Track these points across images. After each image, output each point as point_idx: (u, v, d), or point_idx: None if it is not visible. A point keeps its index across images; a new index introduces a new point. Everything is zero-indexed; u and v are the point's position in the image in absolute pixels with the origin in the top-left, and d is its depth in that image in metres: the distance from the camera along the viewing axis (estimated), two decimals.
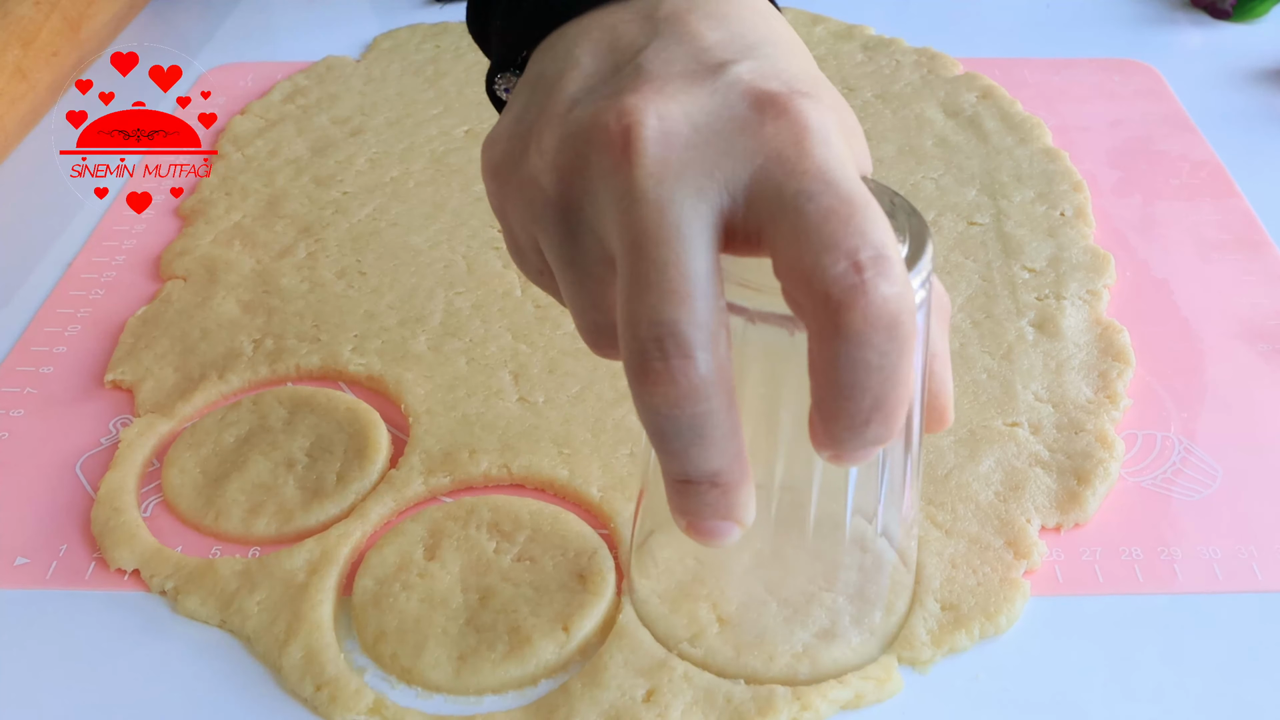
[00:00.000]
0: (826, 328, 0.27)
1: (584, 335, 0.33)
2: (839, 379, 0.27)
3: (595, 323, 0.32)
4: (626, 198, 0.28)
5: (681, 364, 0.27)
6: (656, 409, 0.28)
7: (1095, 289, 0.51)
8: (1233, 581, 0.40)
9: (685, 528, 0.30)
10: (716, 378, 0.28)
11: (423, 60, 0.73)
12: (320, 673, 0.37)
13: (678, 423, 0.28)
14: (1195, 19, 0.77)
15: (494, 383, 0.48)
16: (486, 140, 0.34)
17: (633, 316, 0.28)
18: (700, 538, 0.30)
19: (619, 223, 0.29)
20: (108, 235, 0.59)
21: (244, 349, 0.50)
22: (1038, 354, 0.48)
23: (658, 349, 0.28)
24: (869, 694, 0.36)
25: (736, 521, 0.30)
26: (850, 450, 0.29)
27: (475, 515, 0.42)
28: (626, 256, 0.28)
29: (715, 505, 0.29)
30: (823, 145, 0.28)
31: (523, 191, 0.32)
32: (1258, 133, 0.65)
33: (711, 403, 0.28)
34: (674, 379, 0.28)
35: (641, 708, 0.36)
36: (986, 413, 0.45)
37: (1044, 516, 0.41)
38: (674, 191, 0.28)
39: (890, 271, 0.27)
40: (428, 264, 0.55)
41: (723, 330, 0.28)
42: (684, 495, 0.30)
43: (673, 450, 0.29)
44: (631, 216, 0.28)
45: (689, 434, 0.28)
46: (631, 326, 0.28)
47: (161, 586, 0.41)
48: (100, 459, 0.46)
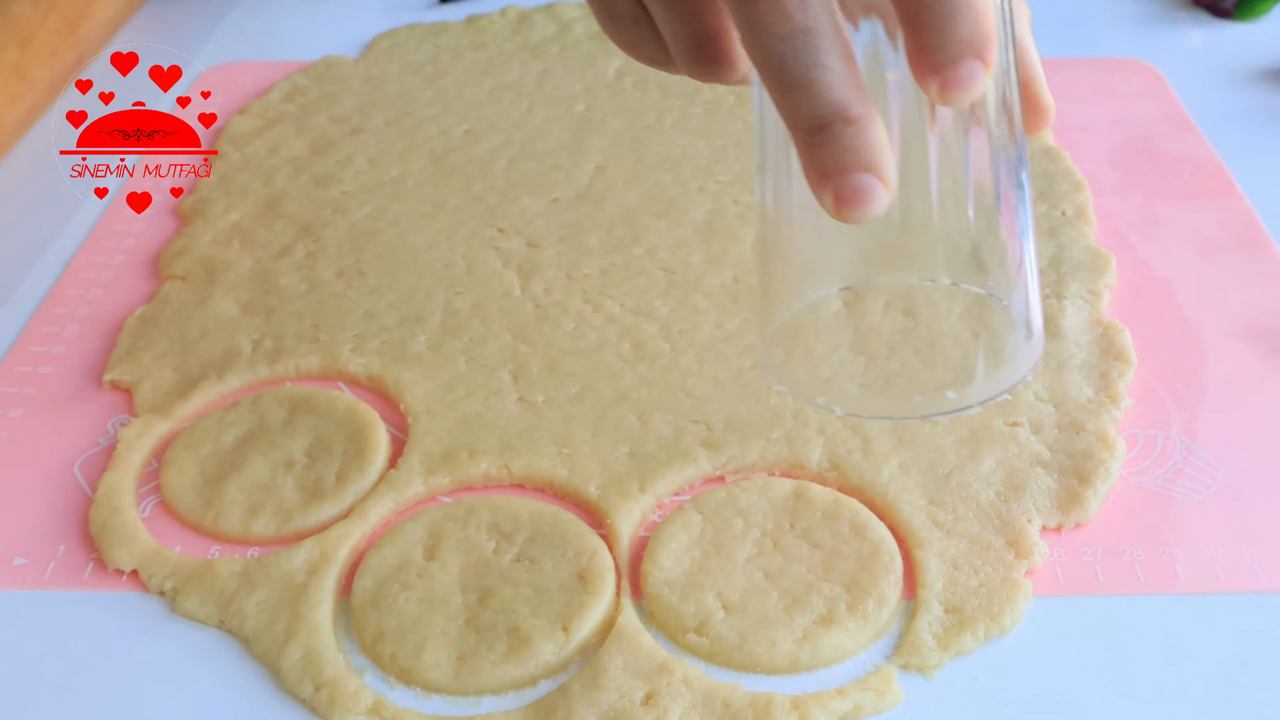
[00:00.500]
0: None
1: (684, 57, 0.34)
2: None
3: (694, 34, 0.34)
4: None
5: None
6: (769, 28, 0.29)
7: (1096, 289, 0.51)
8: (1233, 581, 0.40)
9: (832, 200, 0.30)
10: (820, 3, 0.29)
11: (422, 60, 0.73)
12: (319, 673, 0.37)
13: (792, 42, 0.29)
14: (1196, 18, 0.77)
15: (493, 383, 0.48)
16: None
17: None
18: (849, 208, 0.29)
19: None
20: (107, 235, 0.59)
21: (243, 349, 0.50)
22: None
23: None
24: (868, 705, 0.36)
25: (877, 173, 0.29)
26: (951, 61, 0.29)
27: (475, 515, 0.42)
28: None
29: (855, 149, 0.29)
30: None
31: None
32: (1258, 132, 0.65)
33: (820, 16, 0.29)
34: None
35: (640, 710, 0.36)
36: (987, 412, 0.45)
37: (1045, 516, 0.41)
38: None
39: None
40: (427, 264, 0.55)
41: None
42: (821, 147, 0.29)
43: (795, 83, 0.29)
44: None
45: (807, 55, 0.29)
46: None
47: (160, 587, 0.40)
48: (99, 459, 0.46)
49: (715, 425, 0.45)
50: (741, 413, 0.46)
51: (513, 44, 0.75)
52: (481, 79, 0.71)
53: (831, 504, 0.42)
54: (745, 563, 0.40)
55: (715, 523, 0.41)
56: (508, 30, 0.76)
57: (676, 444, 0.45)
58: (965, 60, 0.29)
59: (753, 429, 0.45)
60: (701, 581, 0.39)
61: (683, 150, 0.63)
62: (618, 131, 0.65)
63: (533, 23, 0.77)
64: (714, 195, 0.59)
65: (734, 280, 0.53)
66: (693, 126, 0.65)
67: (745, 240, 0.55)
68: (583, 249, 0.55)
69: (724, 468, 0.44)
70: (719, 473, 0.44)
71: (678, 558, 0.40)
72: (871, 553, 0.40)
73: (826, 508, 0.41)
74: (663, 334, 0.50)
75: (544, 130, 0.65)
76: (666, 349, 0.49)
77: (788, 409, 0.46)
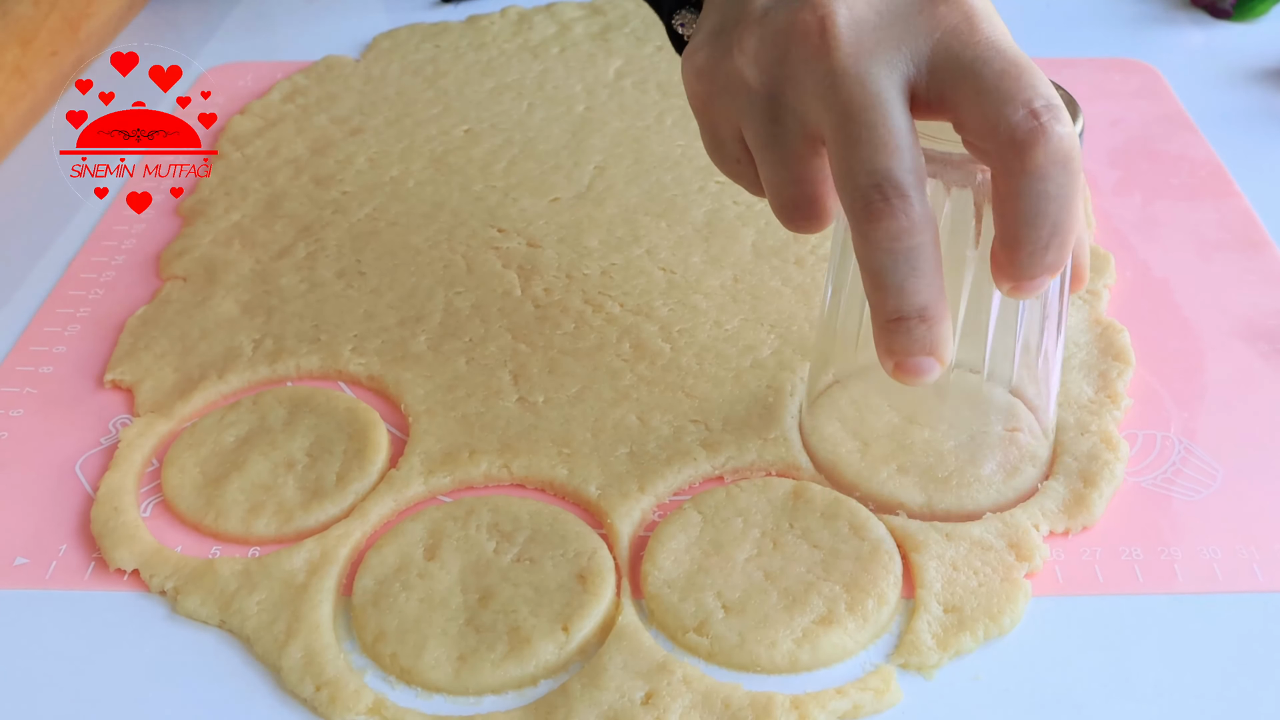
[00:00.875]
0: (1013, 165, 0.33)
1: (781, 211, 0.38)
2: (1023, 209, 0.33)
3: (793, 197, 0.37)
4: (829, 76, 0.34)
5: (900, 203, 0.33)
6: (879, 244, 0.33)
7: (1095, 289, 0.51)
8: (1233, 581, 0.40)
9: (893, 369, 0.35)
10: (928, 215, 0.33)
11: (422, 60, 0.73)
12: (320, 673, 0.37)
13: (896, 256, 0.33)
14: (1195, 18, 0.77)
15: (494, 383, 0.48)
16: (686, 53, 0.39)
17: (851, 170, 0.33)
18: (906, 376, 0.35)
19: (825, 99, 0.34)
20: (107, 235, 0.59)
21: (243, 349, 0.50)
22: None
23: (878, 193, 0.33)
24: (867, 704, 0.36)
25: (939, 358, 0.35)
26: (1029, 277, 0.34)
27: (475, 515, 0.42)
28: (838, 124, 0.34)
29: (923, 340, 0.34)
30: (988, 21, 0.34)
31: (729, 87, 0.37)
32: (1258, 132, 0.65)
33: (925, 236, 0.33)
34: (895, 215, 0.33)
35: (640, 710, 0.36)
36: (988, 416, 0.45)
37: (1052, 522, 0.41)
38: (870, 66, 0.34)
39: (1062, 116, 0.33)
40: (427, 264, 0.55)
41: (924, 179, 0.34)
42: (895, 334, 0.34)
43: (889, 285, 0.34)
44: (838, 91, 0.34)
45: (905, 267, 0.33)
46: (851, 178, 0.33)
47: (161, 586, 0.41)
48: (100, 459, 0.46)
49: (714, 425, 0.45)
50: (740, 413, 0.46)
51: (513, 44, 0.75)
52: (482, 79, 0.71)
53: (831, 504, 0.42)
54: (745, 562, 0.40)
55: (715, 523, 0.41)
56: (508, 30, 0.76)
57: (676, 444, 0.45)
58: (1041, 277, 0.35)
59: (751, 429, 0.45)
60: (701, 581, 0.39)
61: (683, 150, 0.63)
62: (618, 131, 0.65)
63: (533, 23, 0.77)
64: (714, 195, 0.59)
65: (734, 280, 0.53)
66: (693, 127, 0.65)
67: (745, 240, 0.55)
68: (583, 249, 0.55)
69: (723, 468, 0.44)
70: (718, 473, 0.44)
71: (677, 558, 0.40)
72: (871, 552, 0.40)
73: (826, 507, 0.41)
74: (663, 334, 0.50)
75: (544, 130, 0.65)
76: (666, 349, 0.49)
77: (786, 410, 0.46)
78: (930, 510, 0.42)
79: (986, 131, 0.33)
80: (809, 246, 0.55)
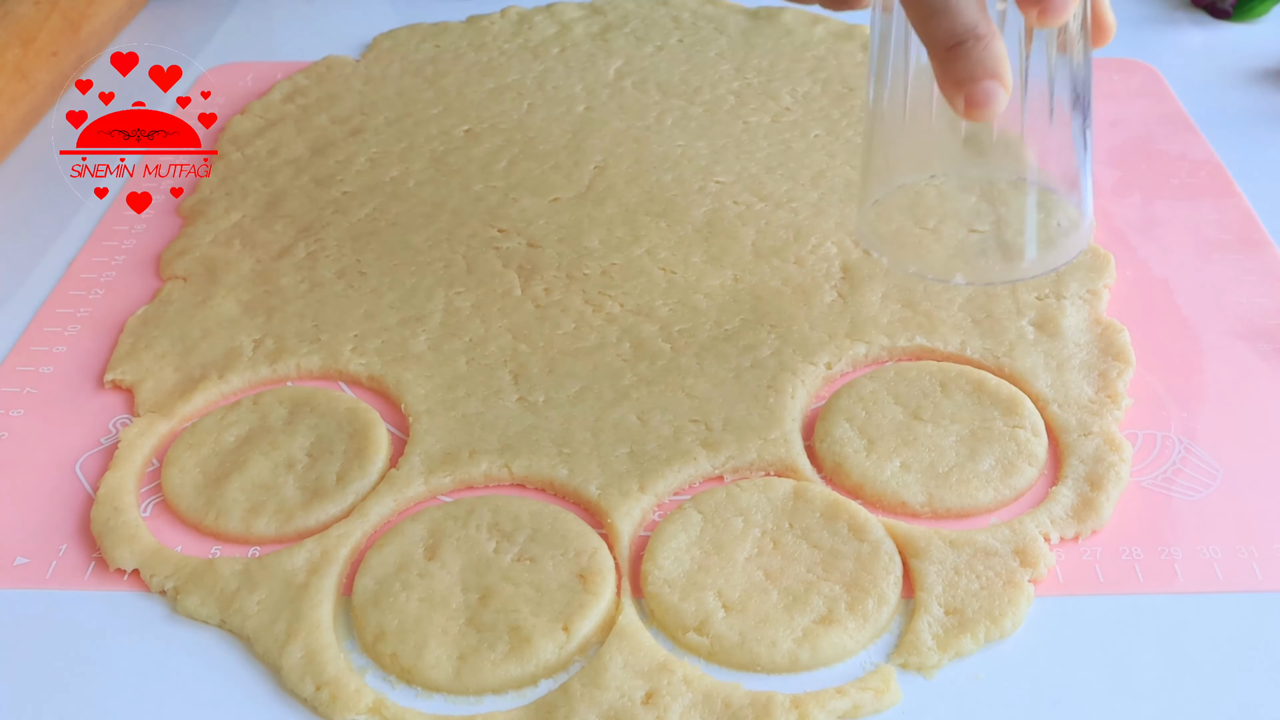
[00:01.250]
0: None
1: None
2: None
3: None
4: None
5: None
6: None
7: (1095, 288, 0.51)
8: (1233, 581, 0.40)
9: (963, 104, 0.38)
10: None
11: (422, 60, 0.73)
12: (320, 672, 0.37)
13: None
14: (1195, 18, 0.77)
15: (494, 382, 0.48)
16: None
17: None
18: (976, 109, 0.38)
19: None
20: (108, 235, 0.59)
21: (244, 349, 0.50)
22: (1039, 353, 0.48)
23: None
24: (867, 704, 0.36)
25: (1001, 79, 0.38)
26: None
27: (475, 515, 0.42)
28: None
29: (982, 60, 0.37)
30: None
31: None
32: (1258, 132, 0.65)
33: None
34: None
35: (640, 709, 0.36)
36: (989, 413, 0.45)
37: (1061, 528, 0.41)
38: None
39: None
40: (427, 264, 0.55)
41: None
42: (955, 60, 0.38)
43: (935, 8, 0.38)
44: None
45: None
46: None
47: (161, 586, 0.41)
48: (100, 459, 0.46)
49: (714, 425, 0.45)
50: (740, 413, 0.46)
51: (513, 44, 0.75)
52: (482, 79, 0.71)
53: (831, 504, 0.42)
54: (745, 562, 0.40)
55: (715, 522, 0.41)
56: (508, 30, 0.76)
57: (676, 444, 0.45)
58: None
59: (751, 429, 0.45)
60: (701, 581, 0.39)
61: (683, 150, 0.63)
62: (618, 131, 0.65)
63: (533, 23, 0.77)
64: (714, 195, 0.59)
65: (734, 280, 0.53)
66: (693, 126, 0.65)
67: (745, 240, 0.56)
68: (583, 249, 0.56)
69: (723, 467, 0.44)
70: (718, 472, 0.44)
71: (678, 557, 0.40)
72: (871, 552, 0.40)
73: (826, 508, 0.41)
74: (663, 334, 0.50)
75: (544, 130, 0.65)
76: (666, 349, 0.49)
77: (786, 410, 0.46)
78: (931, 509, 0.42)
79: None
80: (809, 246, 0.55)
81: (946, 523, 0.42)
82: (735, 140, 0.63)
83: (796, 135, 0.64)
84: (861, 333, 0.49)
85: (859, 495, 0.43)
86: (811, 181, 0.60)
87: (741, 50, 0.73)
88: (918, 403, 0.45)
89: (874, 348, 0.49)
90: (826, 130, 0.64)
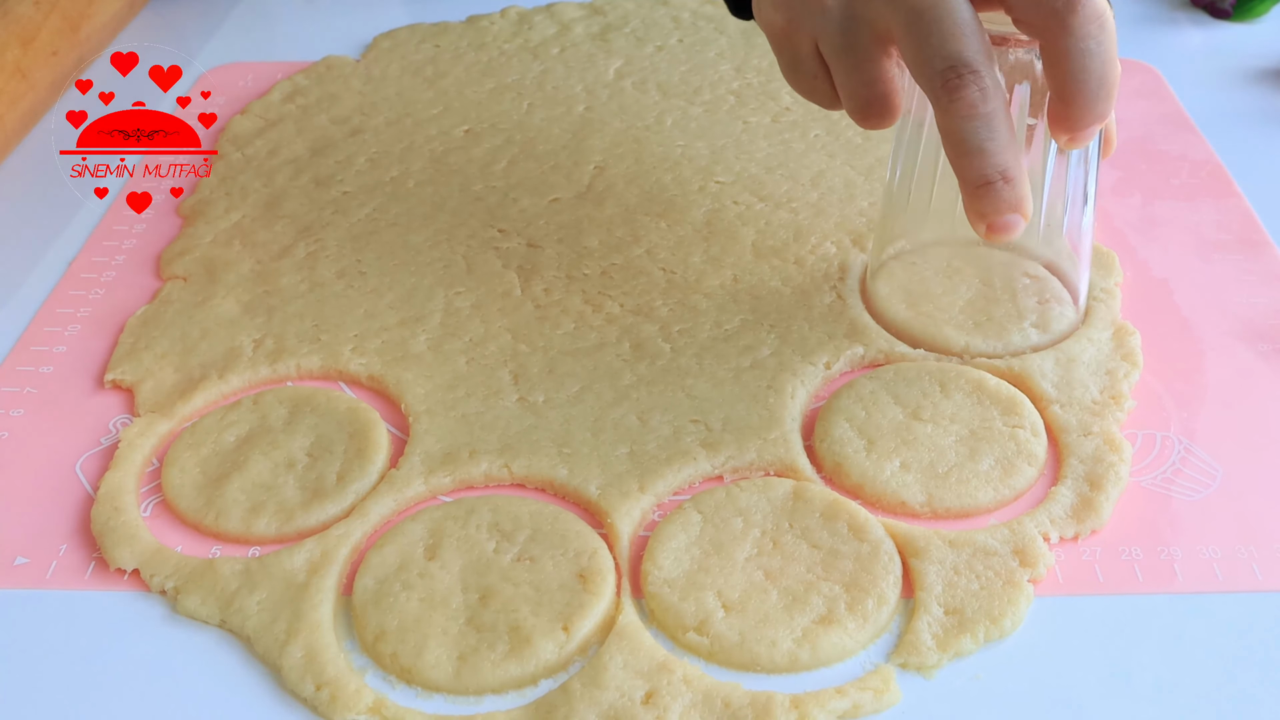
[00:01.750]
0: (1057, 32, 0.39)
1: (857, 111, 0.44)
2: (1071, 67, 0.39)
3: (867, 97, 0.43)
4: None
5: (973, 77, 0.39)
6: (959, 114, 0.39)
7: (1108, 287, 0.51)
8: (1233, 581, 0.40)
9: (985, 230, 0.40)
10: (999, 86, 0.39)
11: (422, 60, 0.73)
12: (320, 672, 0.37)
13: (975, 123, 0.39)
14: (1195, 19, 0.77)
15: (494, 382, 0.48)
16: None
17: (927, 59, 0.39)
18: (996, 234, 0.40)
19: (892, 4, 0.40)
20: (108, 235, 0.59)
21: (244, 349, 0.50)
22: (1048, 353, 0.48)
23: (953, 72, 0.39)
24: (867, 704, 0.36)
25: (1023, 213, 0.40)
26: (1084, 126, 0.41)
27: (475, 515, 0.42)
28: (908, 23, 0.40)
29: (1009, 199, 0.40)
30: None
31: (806, 9, 0.44)
32: (1258, 133, 0.65)
33: (997, 104, 0.39)
34: (968, 87, 0.39)
35: (640, 709, 0.36)
36: (989, 412, 0.45)
37: (1061, 528, 0.41)
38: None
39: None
40: (427, 264, 0.55)
41: (992, 58, 0.40)
42: (984, 198, 0.40)
43: (971, 149, 0.39)
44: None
45: (984, 131, 0.39)
46: (928, 65, 0.39)
47: (161, 586, 0.41)
48: (100, 459, 0.46)
49: (714, 425, 0.45)
50: (740, 413, 0.46)
51: (513, 44, 0.75)
52: (482, 79, 0.71)
53: (830, 504, 0.42)
54: (745, 562, 0.40)
55: (715, 522, 0.41)
56: (508, 31, 0.76)
57: (676, 444, 0.45)
58: (1093, 125, 0.41)
59: (751, 429, 0.45)
60: (701, 581, 0.39)
61: (683, 150, 0.63)
62: (618, 132, 0.65)
63: (533, 23, 0.77)
64: (714, 195, 0.59)
65: (734, 280, 0.53)
66: (693, 127, 0.65)
67: (745, 240, 0.56)
68: (583, 249, 0.56)
69: (723, 467, 0.44)
70: (718, 472, 0.44)
71: (677, 557, 0.40)
72: (870, 552, 0.40)
73: (825, 507, 0.41)
74: (663, 334, 0.50)
75: (544, 130, 0.65)
76: (666, 349, 0.49)
77: (786, 410, 0.46)
78: (931, 509, 0.42)
79: (1033, 9, 0.39)
80: (809, 246, 0.55)
81: (946, 523, 0.42)
82: (735, 140, 0.63)
83: (796, 135, 0.64)
84: (861, 333, 0.49)
85: (859, 495, 0.43)
86: (811, 181, 0.60)
87: (741, 50, 0.73)
88: (917, 402, 0.45)
89: (873, 349, 0.49)
90: (826, 130, 0.64)
